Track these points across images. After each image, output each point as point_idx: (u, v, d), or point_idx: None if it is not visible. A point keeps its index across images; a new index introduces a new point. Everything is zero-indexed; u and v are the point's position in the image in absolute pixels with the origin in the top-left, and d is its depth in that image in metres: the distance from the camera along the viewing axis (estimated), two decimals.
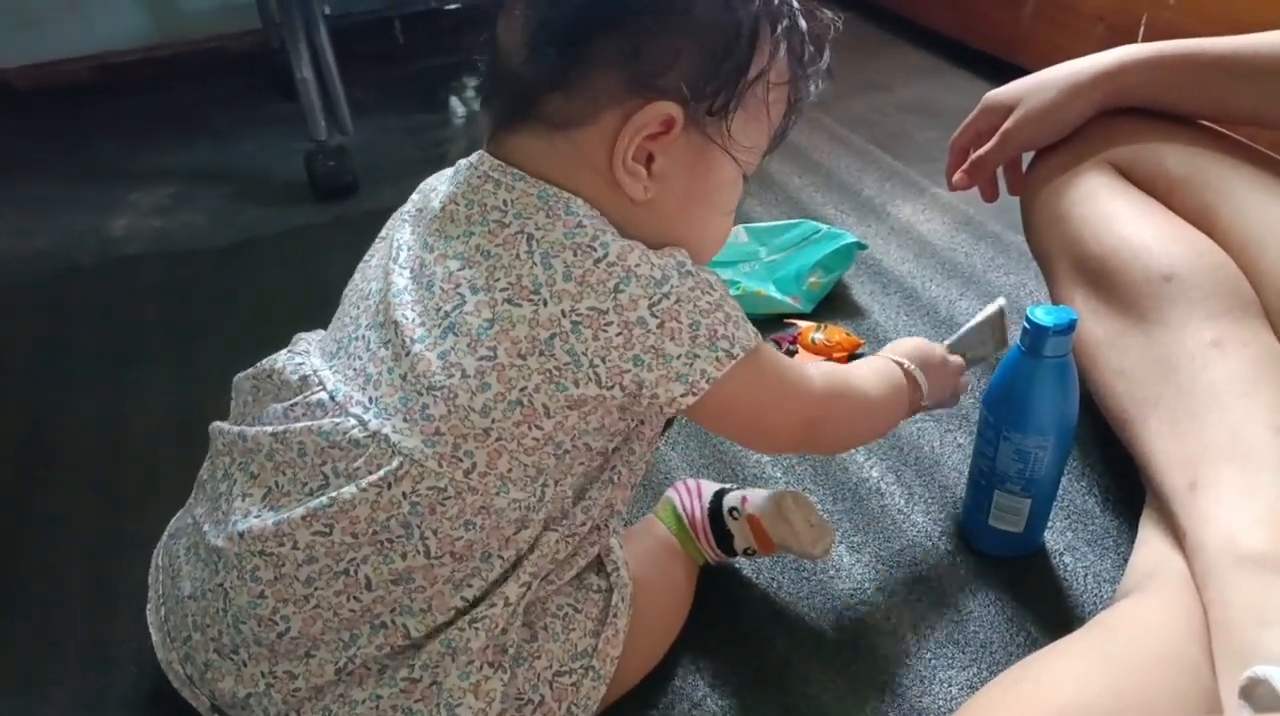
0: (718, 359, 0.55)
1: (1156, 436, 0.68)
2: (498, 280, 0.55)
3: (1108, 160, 0.82)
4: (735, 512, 0.71)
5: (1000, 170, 0.92)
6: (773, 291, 1.05)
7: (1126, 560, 0.69)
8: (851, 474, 0.86)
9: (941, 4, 1.78)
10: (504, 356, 0.54)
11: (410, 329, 0.57)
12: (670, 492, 0.75)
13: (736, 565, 0.77)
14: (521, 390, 0.54)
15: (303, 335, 0.67)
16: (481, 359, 0.54)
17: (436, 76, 1.85)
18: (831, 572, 0.76)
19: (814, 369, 0.64)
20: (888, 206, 1.29)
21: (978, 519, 0.75)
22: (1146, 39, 1.31)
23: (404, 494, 0.56)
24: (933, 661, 0.69)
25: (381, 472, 0.56)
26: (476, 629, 0.56)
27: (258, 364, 0.66)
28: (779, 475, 0.86)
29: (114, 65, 1.84)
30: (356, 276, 0.64)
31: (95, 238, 1.34)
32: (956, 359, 0.76)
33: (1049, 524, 0.77)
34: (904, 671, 0.68)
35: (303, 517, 0.56)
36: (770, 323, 1.04)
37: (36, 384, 1.04)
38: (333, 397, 0.59)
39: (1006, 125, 0.86)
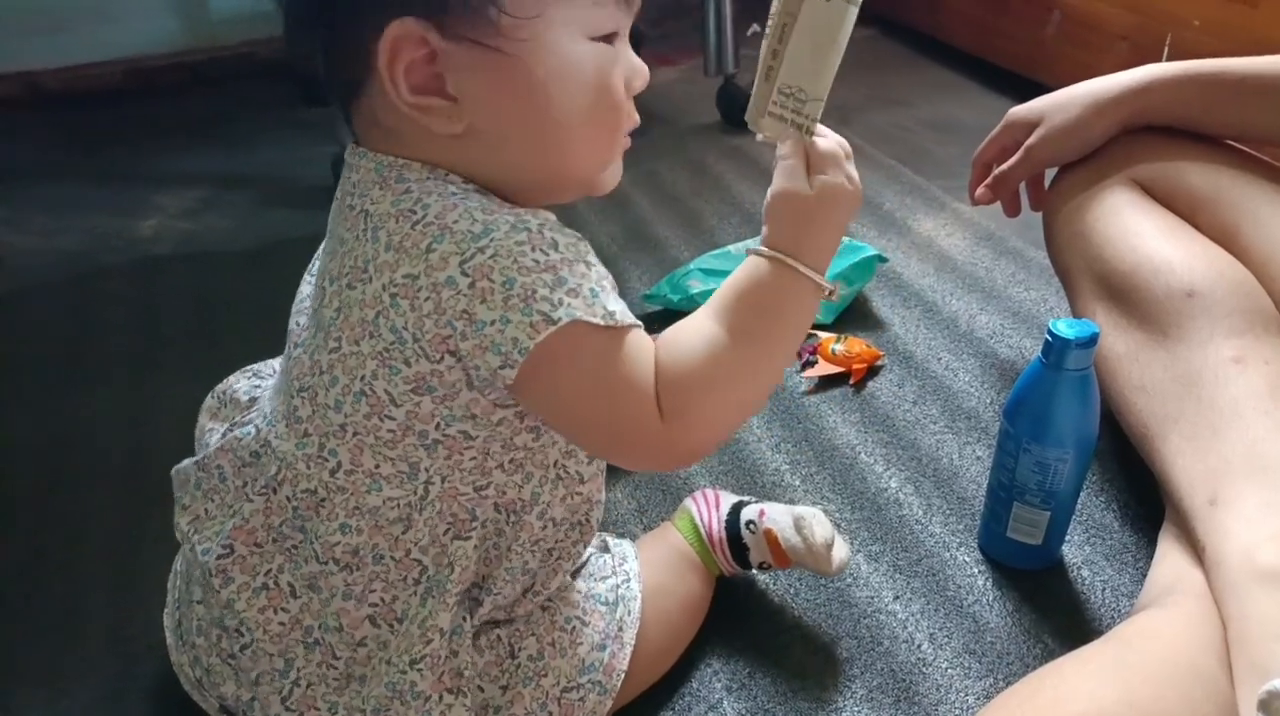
0: (531, 325, 0.47)
1: (1177, 452, 0.68)
2: (345, 266, 0.52)
3: (1131, 177, 0.82)
4: (752, 526, 0.71)
5: (1022, 186, 0.93)
6: None
7: (1145, 575, 0.69)
8: (870, 484, 0.86)
9: (963, 21, 1.79)
10: (346, 345, 0.52)
11: (297, 333, 0.57)
12: (688, 502, 0.75)
13: (753, 573, 0.77)
14: (361, 379, 0.51)
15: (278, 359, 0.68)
16: (331, 352, 0.53)
17: None
18: (849, 581, 0.76)
19: (669, 357, 0.52)
20: (909, 220, 1.29)
21: (996, 530, 0.75)
22: (1171, 58, 1.32)
23: (287, 498, 0.56)
24: (949, 671, 0.69)
25: (264, 480, 0.56)
26: (420, 671, 0.55)
27: (223, 381, 0.68)
28: (797, 483, 0.87)
29: (145, 70, 1.87)
30: None
31: (123, 239, 1.36)
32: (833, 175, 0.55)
33: (1067, 537, 0.77)
34: (920, 680, 0.68)
35: (215, 543, 0.58)
36: None
37: (63, 383, 1.06)
38: (260, 415, 0.60)
39: (1030, 141, 0.87)
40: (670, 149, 1.53)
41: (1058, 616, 0.73)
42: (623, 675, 0.62)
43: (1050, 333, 0.66)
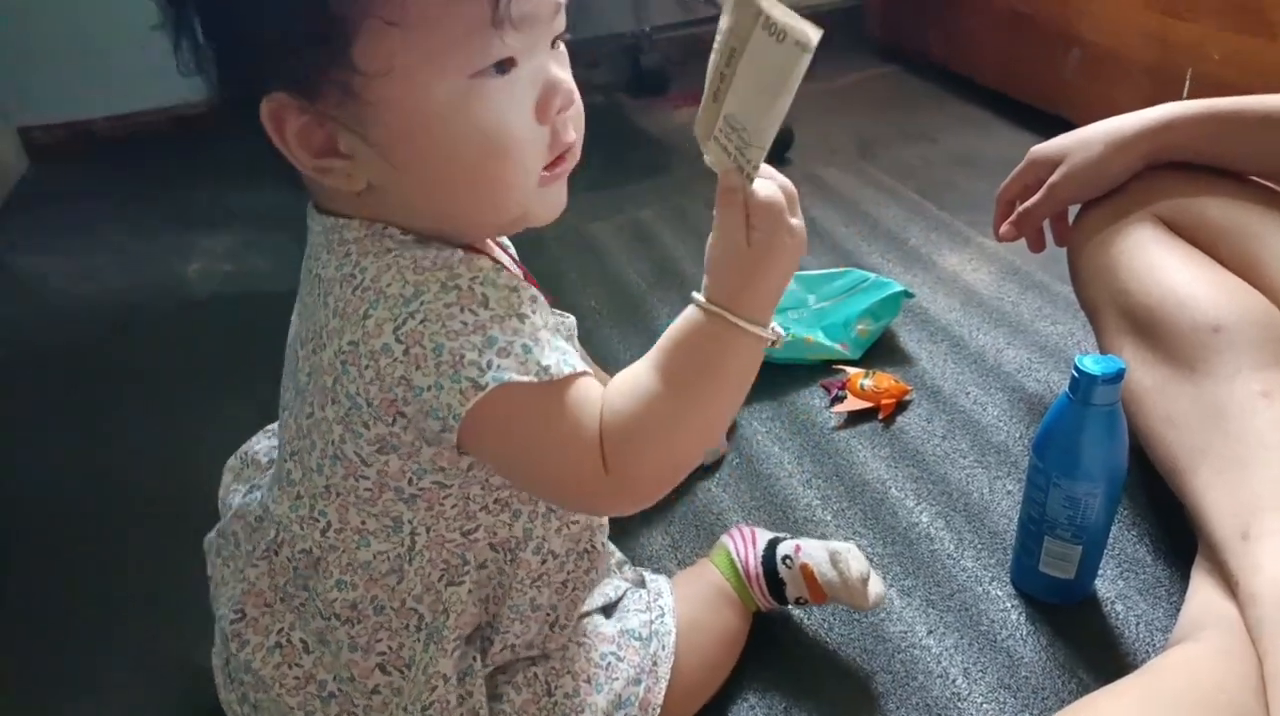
0: (461, 392, 0.47)
1: (1206, 485, 0.69)
2: (309, 332, 0.53)
3: (1154, 213, 0.84)
4: (789, 561, 0.72)
5: (1046, 222, 0.95)
6: (821, 338, 1.07)
7: (1179, 609, 0.69)
8: (901, 518, 0.87)
9: (986, 57, 1.81)
10: (317, 410, 0.53)
11: (282, 397, 0.59)
12: (725, 539, 0.76)
13: (789, 608, 0.78)
14: (332, 443, 0.53)
15: None
16: (308, 417, 0.54)
17: None
18: (882, 615, 0.77)
19: (609, 408, 0.51)
20: (934, 256, 1.31)
21: (1028, 564, 0.76)
22: (1192, 93, 1.33)
23: (288, 559, 0.58)
24: (984, 705, 0.69)
25: (265, 544, 0.59)
26: None
27: (247, 442, 0.70)
28: (829, 517, 0.88)
29: (190, 116, 1.93)
30: None
31: (170, 280, 1.41)
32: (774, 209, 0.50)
33: (1100, 572, 0.78)
34: (955, 715, 0.69)
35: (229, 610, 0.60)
36: (819, 369, 1.06)
37: (108, 420, 1.10)
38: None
39: (1053, 179, 0.88)
40: (697, 185, 1.55)
41: (1092, 651, 0.73)
42: (658, 709, 0.64)
43: (1077, 368, 0.67)
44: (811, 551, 0.72)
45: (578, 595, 0.63)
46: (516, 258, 0.65)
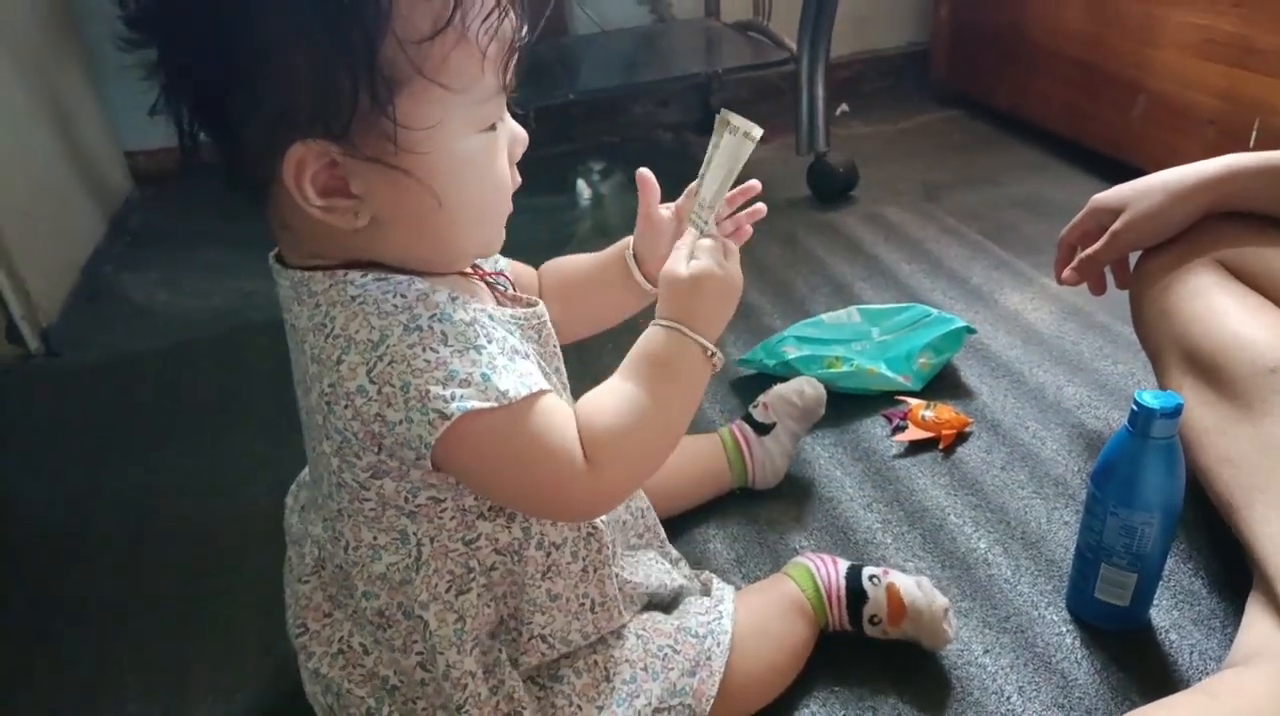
0: (429, 423, 0.52)
1: (1262, 521, 0.71)
2: (298, 376, 0.60)
3: (1215, 259, 0.86)
4: (875, 580, 0.76)
5: (1108, 266, 0.98)
6: (884, 369, 1.11)
7: (1232, 641, 0.71)
8: (959, 544, 0.90)
9: (1051, 103, 1.84)
10: (318, 444, 0.59)
11: (303, 431, 0.65)
12: (803, 559, 0.80)
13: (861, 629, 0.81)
14: (333, 473, 0.59)
15: None
16: (314, 451, 0.61)
17: (565, 161, 2.00)
18: None
19: (587, 410, 0.59)
20: (996, 294, 1.34)
21: (1084, 590, 0.79)
22: (1259, 144, 1.36)
23: (332, 573, 0.64)
24: None
25: (310, 562, 0.65)
26: (468, 713, 0.61)
27: (302, 471, 0.75)
28: (889, 541, 0.91)
29: None
30: None
31: (265, 298, 1.50)
32: (716, 256, 0.64)
33: (1155, 602, 0.80)
34: None
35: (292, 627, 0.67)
36: (881, 399, 1.10)
37: (216, 428, 1.18)
38: None
39: (1115, 227, 0.92)
40: (762, 222, 1.60)
41: (1145, 676, 0.75)
42: (711, 700, 0.68)
43: (1136, 403, 0.70)
44: (899, 575, 0.76)
45: (604, 573, 0.67)
46: (497, 266, 0.70)
